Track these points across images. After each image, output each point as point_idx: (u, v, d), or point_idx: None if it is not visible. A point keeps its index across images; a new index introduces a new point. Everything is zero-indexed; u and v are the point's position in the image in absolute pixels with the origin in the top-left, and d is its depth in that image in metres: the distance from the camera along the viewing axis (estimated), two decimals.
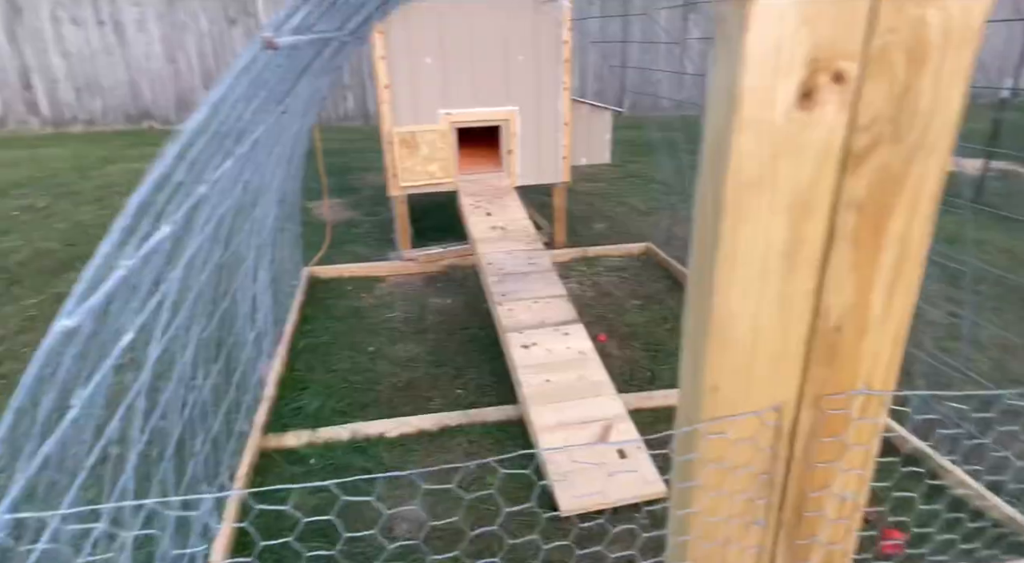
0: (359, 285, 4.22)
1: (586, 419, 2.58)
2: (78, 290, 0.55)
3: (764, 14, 0.46)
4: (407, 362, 3.27)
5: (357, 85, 10.22)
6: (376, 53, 3.92)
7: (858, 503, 0.68)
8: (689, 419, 0.62)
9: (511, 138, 4.39)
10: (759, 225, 0.53)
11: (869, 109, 0.51)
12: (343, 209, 5.94)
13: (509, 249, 3.75)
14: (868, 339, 0.60)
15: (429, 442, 2.65)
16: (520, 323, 3.12)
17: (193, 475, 1.91)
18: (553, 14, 4.11)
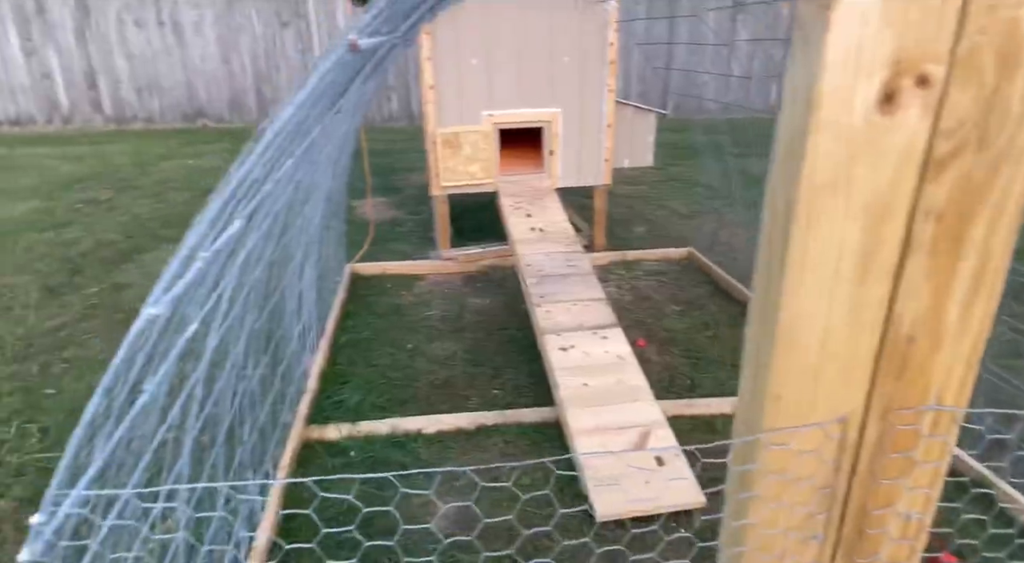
0: (399, 283, 4.29)
1: (624, 424, 2.56)
2: (164, 279, 0.58)
3: (847, 14, 0.45)
4: (445, 360, 3.30)
5: (401, 86, 10.39)
6: (423, 54, 3.98)
7: (924, 523, 0.66)
8: (750, 428, 0.61)
9: (553, 139, 4.39)
10: (832, 229, 0.52)
11: (954, 114, 0.49)
12: (386, 208, 6.05)
13: (548, 251, 3.75)
14: (942, 352, 0.58)
15: (466, 440, 2.67)
16: (558, 325, 3.12)
17: (240, 462, 1.97)
18: (600, 15, 4.09)
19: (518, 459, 2.56)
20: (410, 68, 10.18)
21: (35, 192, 6.43)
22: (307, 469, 2.45)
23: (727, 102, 4.23)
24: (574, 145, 4.41)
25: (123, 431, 0.63)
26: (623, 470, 2.35)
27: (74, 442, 0.53)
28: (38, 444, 2.61)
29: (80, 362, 3.22)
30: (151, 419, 0.95)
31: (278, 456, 2.40)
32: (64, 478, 0.51)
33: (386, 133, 9.71)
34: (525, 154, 5.00)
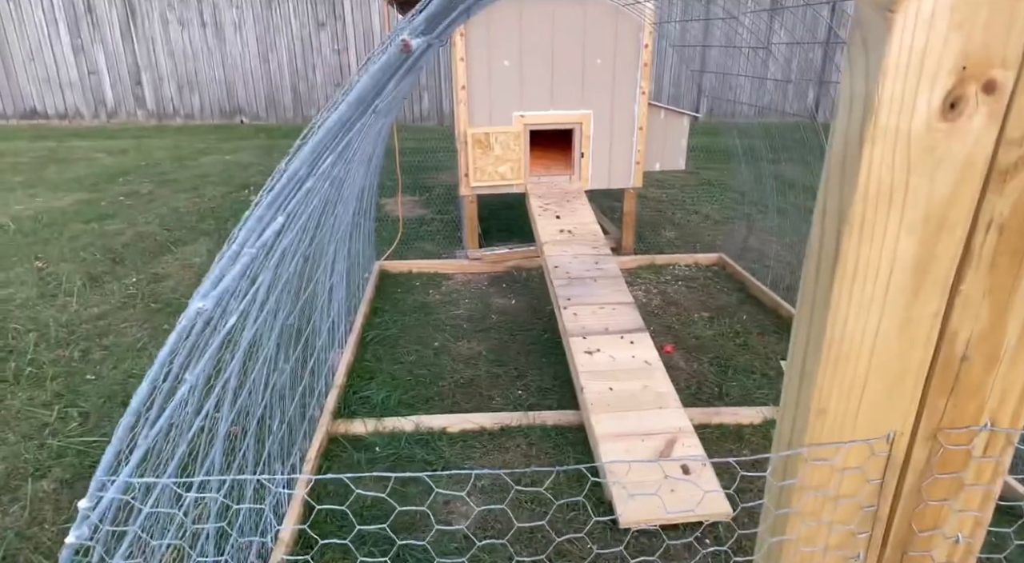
0: (427, 281, 4.32)
1: (649, 431, 2.52)
2: (213, 273, 0.59)
3: (911, 17, 0.44)
4: (470, 359, 3.31)
5: (433, 86, 10.48)
6: (456, 54, 4.00)
7: (972, 548, 0.63)
8: (791, 442, 0.59)
9: (584, 141, 4.36)
10: (886, 241, 0.50)
11: (1022, 122, 0.47)
12: (415, 206, 6.10)
13: (576, 253, 3.73)
14: (999, 371, 0.55)
15: (489, 440, 2.67)
16: (584, 328, 3.10)
17: (269, 453, 2.01)
18: (635, 17, 4.05)
19: (540, 461, 2.55)
20: (442, 68, 10.26)
21: (80, 184, 6.68)
22: (332, 463, 2.48)
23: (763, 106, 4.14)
24: (605, 147, 4.38)
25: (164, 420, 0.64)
26: (648, 477, 2.32)
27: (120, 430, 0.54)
28: (79, 428, 2.71)
29: (118, 349, 3.33)
30: (188, 409, 0.98)
31: (305, 449, 2.44)
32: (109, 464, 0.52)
33: (416, 132, 9.80)
34: (555, 156, 4.99)
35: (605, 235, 4.81)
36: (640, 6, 3.96)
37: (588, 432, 2.63)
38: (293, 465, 2.33)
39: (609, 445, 2.46)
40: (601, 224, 5.24)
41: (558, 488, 2.36)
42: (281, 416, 2.10)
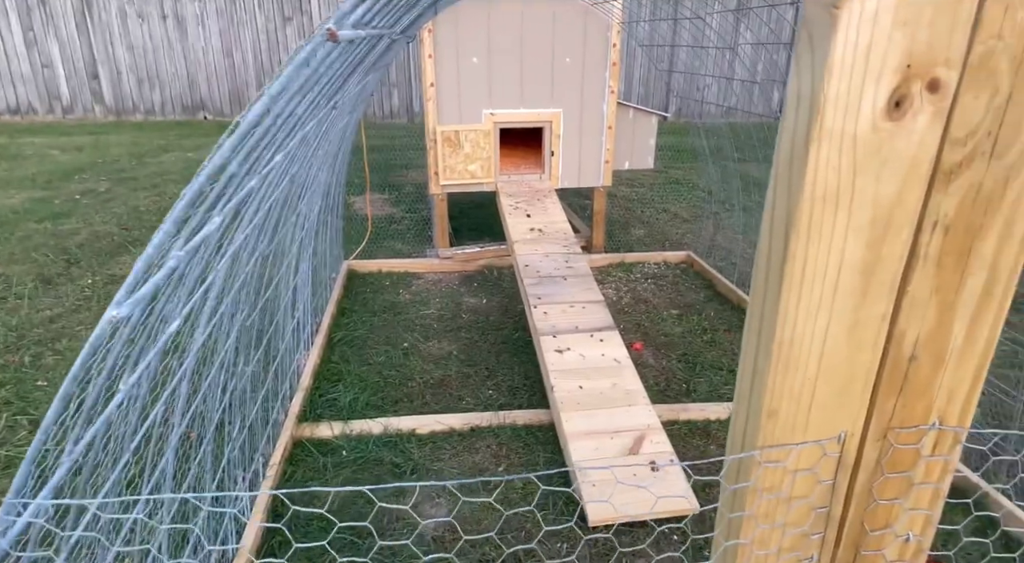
0: (396, 281, 4.27)
1: (618, 428, 2.53)
2: (128, 280, 0.55)
3: (856, 15, 0.43)
4: (440, 360, 3.28)
5: (403, 82, 10.36)
6: (424, 51, 3.95)
7: (922, 546, 0.63)
8: (743, 444, 0.59)
9: (554, 140, 4.36)
10: (834, 242, 0.49)
11: (966, 121, 0.47)
12: (384, 205, 6.02)
13: (547, 251, 3.73)
14: (946, 371, 0.56)
15: (459, 441, 2.64)
16: (555, 327, 3.09)
17: (229, 459, 1.95)
18: (603, 17, 4.06)
19: (511, 461, 2.53)
20: (412, 64, 10.15)
21: (33, 182, 6.40)
22: (297, 468, 2.42)
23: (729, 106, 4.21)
24: (575, 146, 4.38)
25: (94, 433, 0.60)
26: (617, 475, 2.33)
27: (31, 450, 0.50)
28: (28, 437, 2.58)
29: (72, 354, 3.19)
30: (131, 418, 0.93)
31: (268, 454, 2.38)
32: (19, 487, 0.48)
33: (386, 129, 9.68)
34: (525, 154, 4.98)
35: (576, 233, 4.82)
36: (608, 5, 3.97)
37: (558, 430, 2.62)
38: (256, 471, 2.27)
39: (579, 443, 2.46)
40: (572, 222, 5.25)
41: (528, 487, 2.34)
42: (242, 421, 2.04)
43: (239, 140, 0.59)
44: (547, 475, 2.39)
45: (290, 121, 0.89)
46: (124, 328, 0.60)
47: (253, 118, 0.60)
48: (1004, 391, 2.75)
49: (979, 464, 2.39)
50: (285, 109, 0.76)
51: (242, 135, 0.59)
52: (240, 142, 0.59)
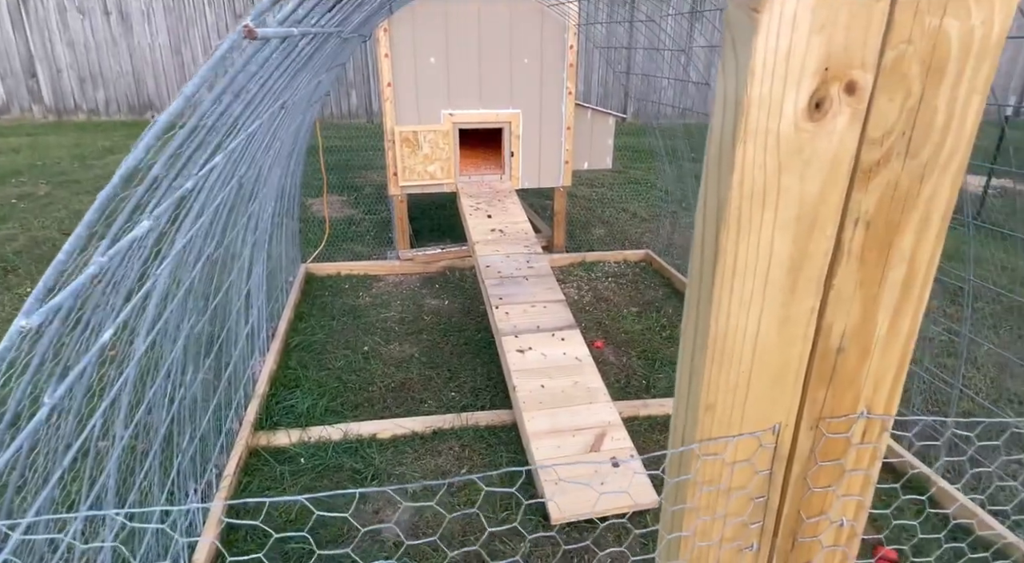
0: (356, 283, 4.20)
1: (580, 426, 2.55)
2: (38, 288, 0.52)
3: (775, 19, 0.44)
4: (401, 363, 3.24)
5: (361, 82, 10.20)
6: (380, 50, 3.90)
7: (856, 530, 0.66)
8: (683, 438, 0.60)
9: (514, 140, 4.37)
10: (762, 239, 0.51)
11: (882, 122, 0.49)
12: (343, 206, 5.91)
13: (508, 252, 3.73)
14: (872, 361, 0.58)
15: (421, 444, 2.62)
16: (516, 327, 3.10)
17: (180, 472, 1.88)
18: (559, 18, 4.10)
19: (473, 462, 2.52)
20: (369, 64, 10.01)
21: None
22: (253, 477, 2.35)
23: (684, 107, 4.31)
24: (534, 147, 4.40)
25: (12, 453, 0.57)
26: (579, 472, 2.35)
27: None
28: None
29: None
30: (65, 431, 0.88)
31: (222, 464, 2.30)
32: None
33: (344, 130, 9.51)
34: (486, 155, 4.97)
35: (537, 233, 4.84)
36: (564, 7, 4.00)
37: (520, 430, 2.63)
38: (209, 482, 2.19)
39: (541, 442, 2.47)
40: (533, 223, 5.27)
41: (491, 488, 2.34)
42: (192, 431, 1.97)
43: (154, 141, 0.57)
44: (510, 475, 2.39)
45: (224, 121, 0.86)
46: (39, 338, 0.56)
47: (167, 119, 0.58)
48: (943, 380, 2.89)
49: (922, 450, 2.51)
50: (213, 109, 0.73)
51: (156, 136, 0.57)
52: (156, 143, 0.57)
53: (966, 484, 2.33)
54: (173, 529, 1.76)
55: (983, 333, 3.61)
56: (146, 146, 0.58)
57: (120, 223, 0.63)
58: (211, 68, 0.63)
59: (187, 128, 0.67)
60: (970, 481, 2.37)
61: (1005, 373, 3.13)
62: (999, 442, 2.43)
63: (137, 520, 1.52)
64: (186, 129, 0.67)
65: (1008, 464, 2.45)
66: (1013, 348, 3.42)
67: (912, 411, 2.75)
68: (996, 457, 2.41)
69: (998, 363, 3.18)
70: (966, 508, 2.17)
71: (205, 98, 0.67)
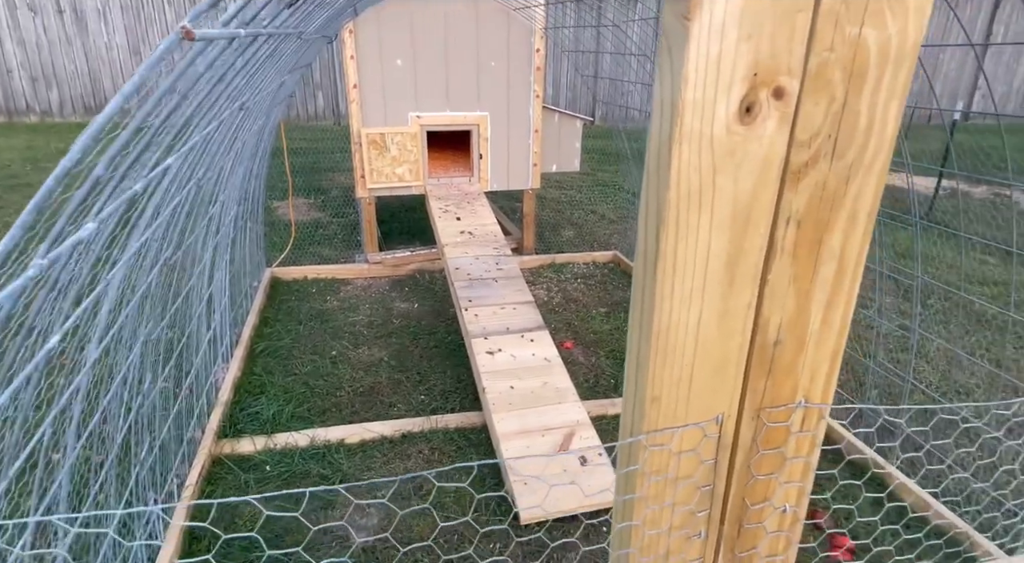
0: (323, 287, 4.14)
1: (549, 426, 2.58)
2: None
3: (705, 27, 0.46)
4: (370, 366, 3.21)
5: (328, 84, 10.08)
6: (346, 52, 3.87)
7: (798, 516, 0.69)
8: (631, 430, 0.62)
9: (482, 143, 4.38)
10: (700, 237, 0.53)
11: (808, 125, 0.52)
12: (310, 210, 5.83)
13: (477, 254, 3.74)
14: (807, 352, 0.61)
15: (390, 449, 2.60)
16: (485, 329, 3.11)
17: (139, 482, 1.83)
18: (526, 21, 4.13)
19: (443, 465, 2.52)
20: (337, 65, 9.90)
21: None
22: (216, 487, 2.30)
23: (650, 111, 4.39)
24: (503, 149, 4.42)
25: None
26: (548, 471, 2.37)
27: None
28: None
29: None
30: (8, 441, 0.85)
31: (184, 474, 2.25)
32: None
33: (311, 132, 9.38)
34: (455, 157, 4.97)
35: (507, 236, 4.86)
36: (531, 11, 4.04)
37: (490, 432, 2.63)
38: (170, 492, 2.14)
39: (511, 443, 2.49)
40: (503, 225, 5.29)
41: (461, 491, 2.34)
42: (151, 440, 1.92)
43: (91, 142, 0.56)
44: (480, 477, 2.39)
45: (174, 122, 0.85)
46: None
47: (103, 120, 0.57)
48: (896, 373, 3.01)
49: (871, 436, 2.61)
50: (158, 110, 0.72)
51: (93, 137, 0.56)
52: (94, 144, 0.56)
53: (904, 462, 2.42)
54: (129, 539, 1.71)
55: (934, 328, 3.77)
56: (82, 147, 0.57)
57: (61, 225, 0.61)
58: (149, 68, 0.63)
59: (130, 129, 0.66)
60: (909, 463, 2.47)
61: (954, 366, 3.27)
62: (934, 431, 2.54)
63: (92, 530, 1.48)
64: (128, 130, 0.65)
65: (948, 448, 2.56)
66: (962, 342, 3.58)
67: (867, 403, 2.86)
68: (939, 444, 2.51)
69: (948, 357, 3.33)
70: (904, 485, 2.27)
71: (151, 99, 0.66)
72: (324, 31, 2.41)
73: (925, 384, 3.11)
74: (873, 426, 2.69)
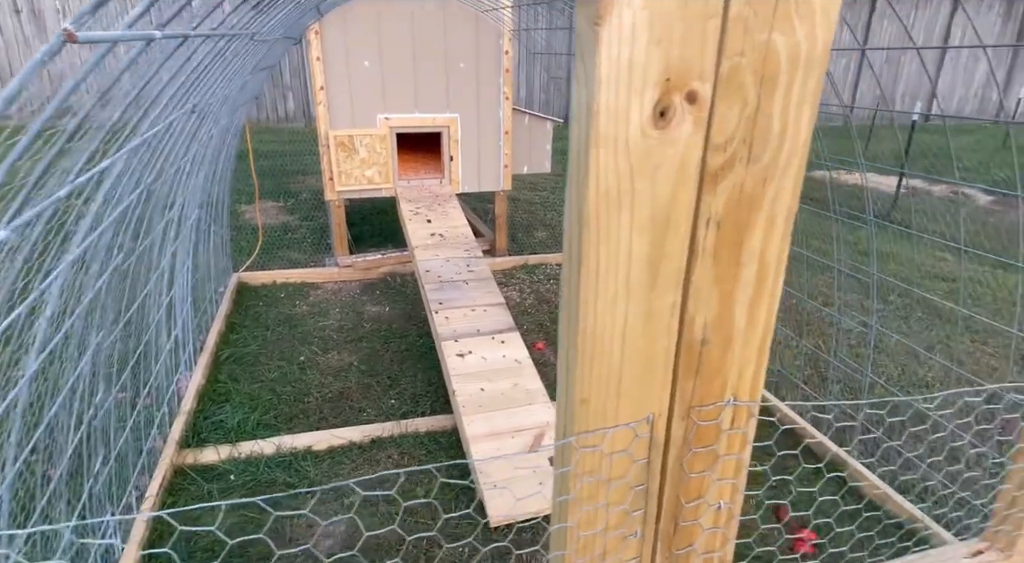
0: (292, 292, 4.09)
1: (519, 427, 2.58)
2: None
3: (616, 33, 0.47)
4: (340, 371, 3.18)
5: (299, 86, 9.96)
6: (312, 53, 3.82)
7: (733, 512, 0.70)
8: (564, 432, 0.62)
9: (452, 145, 4.37)
10: (621, 240, 0.54)
11: (723, 129, 0.53)
12: (279, 213, 5.74)
13: (448, 256, 3.73)
14: (734, 351, 0.62)
15: (359, 454, 2.58)
16: (456, 331, 3.10)
17: (93, 496, 1.78)
18: (494, 24, 4.13)
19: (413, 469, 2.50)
20: (307, 66, 9.78)
21: None
22: (177, 498, 2.25)
23: None
24: (473, 151, 4.42)
25: None
26: (516, 473, 2.37)
27: None
28: None
29: None
30: None
31: (143, 486, 2.20)
32: None
33: (282, 134, 9.25)
34: (426, 159, 4.95)
35: (479, 237, 4.85)
36: (498, 13, 4.04)
37: (460, 434, 2.63)
38: (129, 505, 2.08)
39: (480, 445, 2.48)
40: (476, 226, 5.28)
41: (430, 494, 2.33)
42: (107, 452, 1.87)
43: None
44: (448, 477, 2.38)
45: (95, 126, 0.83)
46: None
47: None
48: (855, 368, 3.08)
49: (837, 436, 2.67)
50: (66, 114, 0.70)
51: None
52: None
53: (863, 455, 2.49)
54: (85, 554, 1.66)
55: (895, 324, 3.87)
56: None
57: None
58: (28, 74, 0.61)
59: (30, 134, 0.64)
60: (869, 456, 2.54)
61: (913, 360, 3.37)
62: (893, 424, 2.60)
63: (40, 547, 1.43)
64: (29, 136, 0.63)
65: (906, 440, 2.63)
66: (920, 337, 3.68)
67: (829, 398, 2.92)
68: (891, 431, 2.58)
69: (907, 352, 3.42)
70: (863, 476, 2.32)
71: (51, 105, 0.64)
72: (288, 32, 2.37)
73: (885, 378, 3.19)
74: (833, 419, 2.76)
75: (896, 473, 2.40)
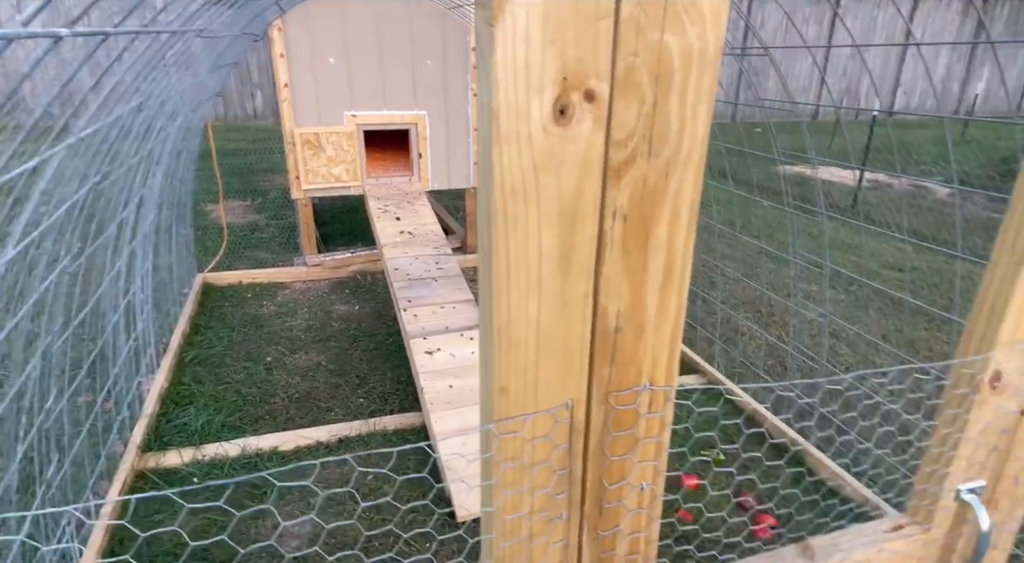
0: (259, 292, 4.04)
1: None
2: None
3: (510, 34, 0.49)
4: (307, 372, 3.16)
5: (267, 83, 9.80)
6: (275, 50, 3.78)
7: (656, 493, 0.73)
8: (486, 420, 0.64)
9: (421, 142, 4.36)
10: (530, 234, 0.56)
11: (623, 126, 0.55)
12: (246, 212, 5.66)
13: (417, 254, 3.72)
14: (646, 339, 0.65)
15: (325, 454, 2.57)
16: (425, 329, 3.10)
17: (46, 502, 1.75)
18: (460, 21, 4.13)
19: (381, 468, 2.51)
20: None
21: None
22: (139, 502, 2.22)
23: None
24: (442, 148, 4.42)
25: None
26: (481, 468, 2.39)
27: None
28: None
29: None
30: None
31: (102, 491, 2.16)
32: None
33: (250, 132, 9.10)
34: (394, 157, 4.93)
35: (451, 234, 4.86)
36: (464, 9, 4.04)
37: (429, 431, 2.64)
38: (88, 510, 2.05)
39: (448, 441, 2.50)
40: (447, 224, 5.28)
41: (399, 493, 2.34)
42: (60, 459, 1.84)
43: None
44: (420, 479, 2.39)
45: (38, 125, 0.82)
46: None
47: None
48: (811, 357, 3.18)
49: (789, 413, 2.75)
50: None
51: None
52: None
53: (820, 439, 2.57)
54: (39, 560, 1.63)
55: (855, 314, 3.99)
56: None
57: None
58: None
59: None
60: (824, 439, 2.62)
61: (872, 349, 3.48)
62: (844, 407, 2.69)
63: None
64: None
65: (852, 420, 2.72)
66: (879, 326, 3.80)
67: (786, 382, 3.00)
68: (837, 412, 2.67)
69: (867, 340, 3.53)
70: (819, 460, 2.40)
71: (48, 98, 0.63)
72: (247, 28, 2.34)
73: (844, 367, 3.29)
74: (792, 408, 2.84)
75: (849, 459, 2.48)
